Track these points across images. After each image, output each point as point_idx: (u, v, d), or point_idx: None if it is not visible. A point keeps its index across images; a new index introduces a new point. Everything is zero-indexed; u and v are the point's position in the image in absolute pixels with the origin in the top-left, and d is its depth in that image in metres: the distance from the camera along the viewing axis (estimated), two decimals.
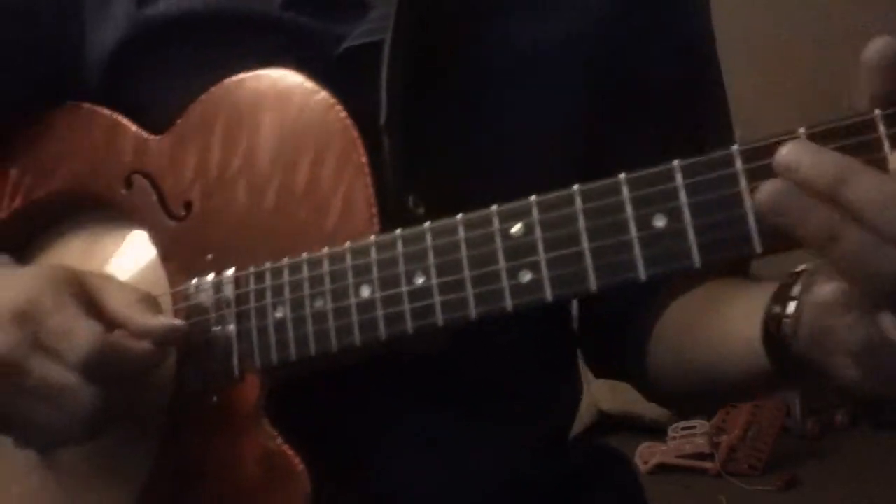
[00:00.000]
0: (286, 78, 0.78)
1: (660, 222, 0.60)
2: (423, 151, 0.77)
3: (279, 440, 0.74)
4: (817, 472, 3.54)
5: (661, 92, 0.88)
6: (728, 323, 0.75)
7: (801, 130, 0.57)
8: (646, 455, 3.54)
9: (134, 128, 0.86)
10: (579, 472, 0.93)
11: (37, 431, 0.75)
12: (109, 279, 0.80)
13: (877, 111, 0.55)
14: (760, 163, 0.58)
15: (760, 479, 3.50)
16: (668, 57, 0.88)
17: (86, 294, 0.75)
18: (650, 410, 3.98)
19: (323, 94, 0.76)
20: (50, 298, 0.73)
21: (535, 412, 0.89)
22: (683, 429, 3.68)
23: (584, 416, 3.04)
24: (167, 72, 0.85)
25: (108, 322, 0.74)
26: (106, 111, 0.89)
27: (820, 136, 0.56)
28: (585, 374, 0.98)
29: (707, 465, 3.57)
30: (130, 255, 0.88)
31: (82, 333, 0.71)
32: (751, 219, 0.58)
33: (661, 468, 3.50)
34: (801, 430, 3.98)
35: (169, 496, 0.78)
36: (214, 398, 0.78)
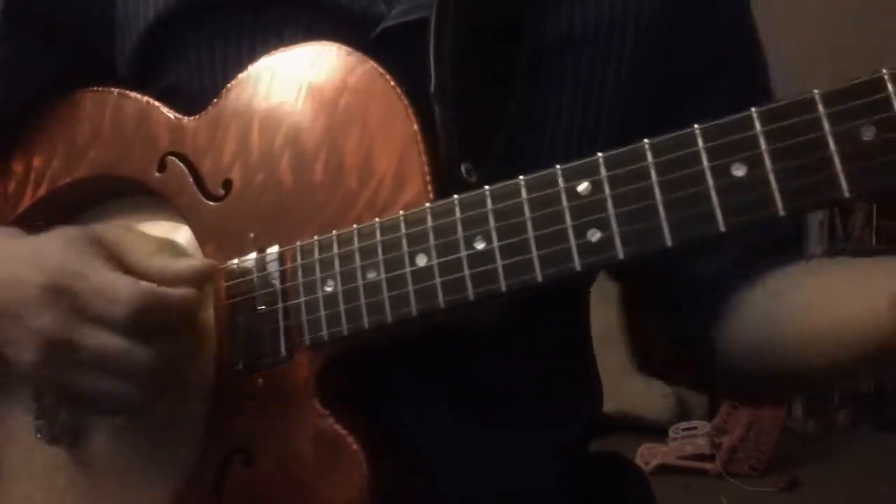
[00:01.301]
0: (329, 50, 0.76)
1: (739, 171, 0.58)
2: (475, 121, 0.76)
3: (331, 420, 0.71)
4: (818, 472, 3.53)
5: (709, 70, 0.86)
6: (847, 290, 0.73)
7: (884, 71, 0.56)
8: (647, 456, 3.51)
9: (166, 111, 0.84)
10: (596, 486, 0.90)
11: (101, 402, 0.73)
12: (125, 229, 0.79)
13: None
14: (843, 106, 0.56)
15: (761, 480, 3.48)
16: (716, 36, 0.87)
17: (106, 249, 0.73)
18: (650, 411, 3.96)
19: (370, 64, 0.74)
20: (75, 262, 0.71)
21: (551, 420, 0.86)
22: (684, 430, 3.67)
23: None
24: (203, 51, 0.83)
25: (136, 275, 0.73)
26: (136, 95, 0.86)
27: None
28: None
29: (708, 465, 3.55)
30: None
31: (120, 291, 0.70)
32: (837, 162, 0.56)
33: (662, 469, 3.47)
34: (802, 430, 3.96)
35: (215, 485, 0.75)
36: (260, 381, 0.74)
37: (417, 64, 0.76)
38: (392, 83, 0.73)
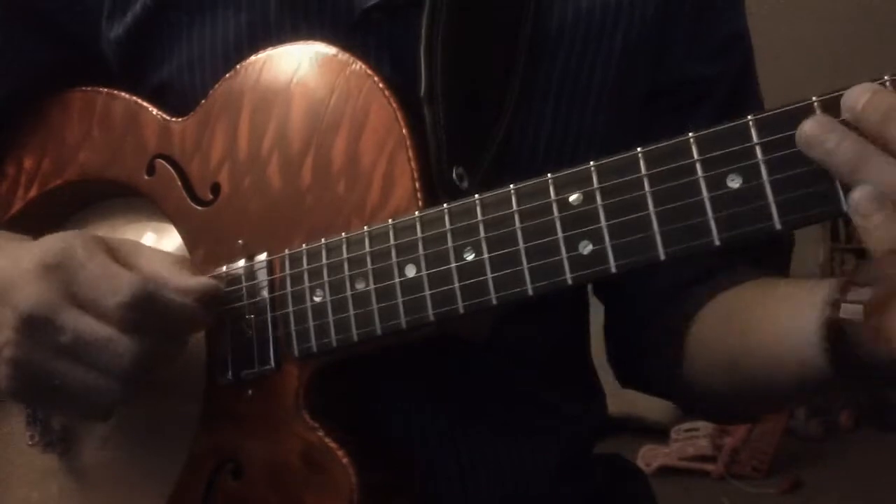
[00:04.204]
0: (317, 50, 0.74)
1: (734, 182, 0.56)
2: (467, 123, 0.73)
3: (320, 433, 0.69)
4: (821, 474, 3.50)
5: (692, 89, 0.83)
6: (781, 316, 0.68)
7: (886, 78, 0.53)
8: (648, 457, 3.49)
9: (155, 111, 0.82)
10: (597, 488, 0.89)
11: (73, 397, 0.68)
12: (140, 243, 0.75)
13: None
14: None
15: (764, 482, 3.46)
16: (703, 56, 0.84)
17: (117, 254, 0.70)
18: (652, 412, 3.93)
19: (358, 65, 0.72)
20: (81, 251, 0.68)
21: (550, 424, 0.85)
22: (686, 431, 3.64)
23: None
24: (195, 47, 0.81)
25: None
26: (125, 95, 0.84)
27: None
28: None
29: (710, 467, 3.53)
30: (154, 246, 0.83)
31: (122, 279, 0.66)
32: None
33: (664, 470, 3.46)
34: (804, 432, 3.94)
35: (204, 497, 0.73)
36: (250, 392, 0.73)
37: (406, 51, 0.74)
38: (381, 85, 0.71)
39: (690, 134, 0.58)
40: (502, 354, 0.79)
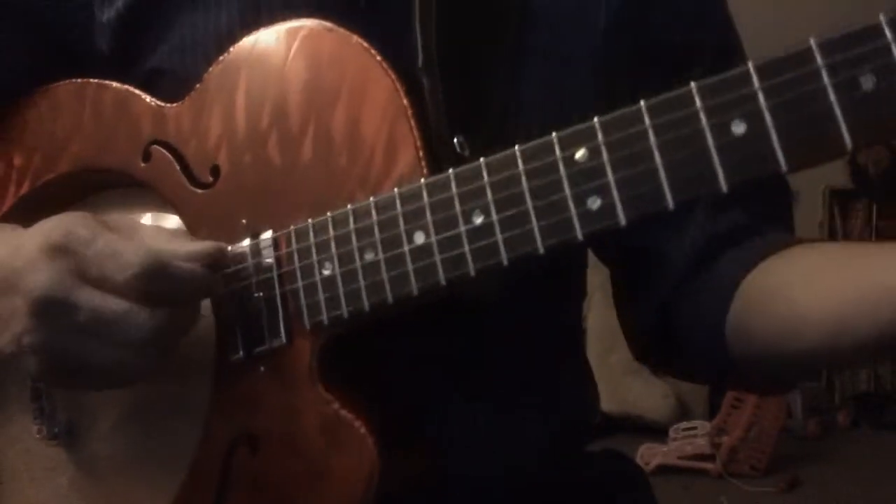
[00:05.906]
0: (313, 26, 0.74)
1: (739, 128, 0.57)
2: (466, 93, 0.74)
3: (336, 405, 0.70)
4: (819, 473, 3.53)
5: (675, 60, 0.84)
6: (860, 273, 0.67)
7: (882, 17, 0.55)
8: (647, 456, 3.52)
9: (148, 98, 0.82)
10: (595, 483, 0.90)
11: (96, 373, 0.68)
12: (137, 221, 0.76)
13: None
14: (842, 56, 0.55)
15: (762, 481, 3.48)
16: (681, 24, 0.85)
17: (118, 232, 0.70)
18: (651, 411, 3.98)
19: (356, 39, 0.72)
20: (83, 231, 0.68)
21: (553, 406, 0.86)
22: (684, 430, 3.67)
23: None
24: (186, 30, 0.81)
25: None
26: (116, 84, 0.84)
27: None
28: None
29: (708, 465, 3.55)
30: None
31: (130, 253, 0.67)
32: (839, 113, 0.55)
33: (663, 469, 3.48)
34: (802, 431, 3.98)
35: (221, 475, 0.74)
36: (262, 368, 0.73)
37: (404, 33, 0.75)
38: (378, 57, 0.71)
39: (693, 83, 0.59)
40: (508, 331, 0.80)
